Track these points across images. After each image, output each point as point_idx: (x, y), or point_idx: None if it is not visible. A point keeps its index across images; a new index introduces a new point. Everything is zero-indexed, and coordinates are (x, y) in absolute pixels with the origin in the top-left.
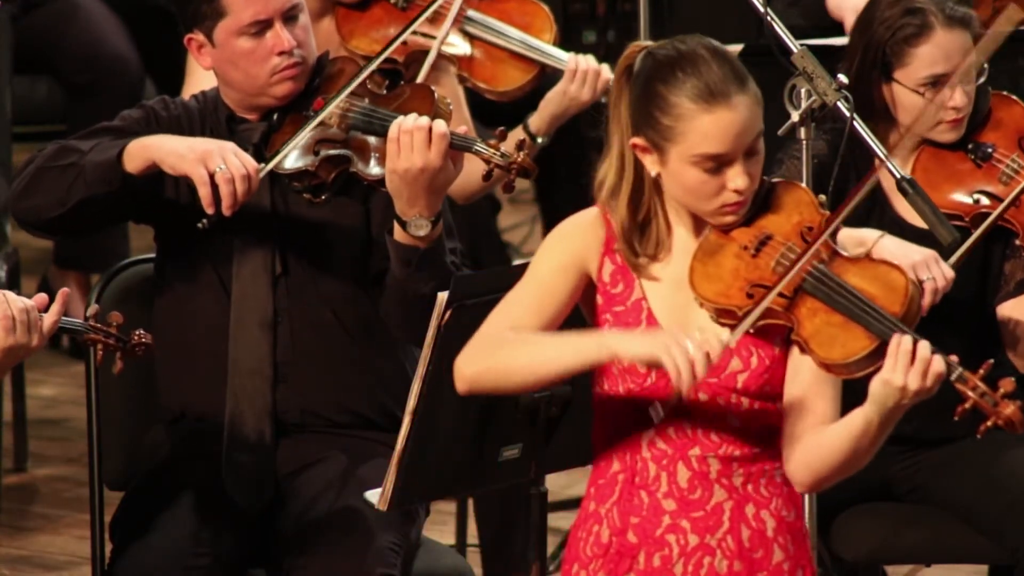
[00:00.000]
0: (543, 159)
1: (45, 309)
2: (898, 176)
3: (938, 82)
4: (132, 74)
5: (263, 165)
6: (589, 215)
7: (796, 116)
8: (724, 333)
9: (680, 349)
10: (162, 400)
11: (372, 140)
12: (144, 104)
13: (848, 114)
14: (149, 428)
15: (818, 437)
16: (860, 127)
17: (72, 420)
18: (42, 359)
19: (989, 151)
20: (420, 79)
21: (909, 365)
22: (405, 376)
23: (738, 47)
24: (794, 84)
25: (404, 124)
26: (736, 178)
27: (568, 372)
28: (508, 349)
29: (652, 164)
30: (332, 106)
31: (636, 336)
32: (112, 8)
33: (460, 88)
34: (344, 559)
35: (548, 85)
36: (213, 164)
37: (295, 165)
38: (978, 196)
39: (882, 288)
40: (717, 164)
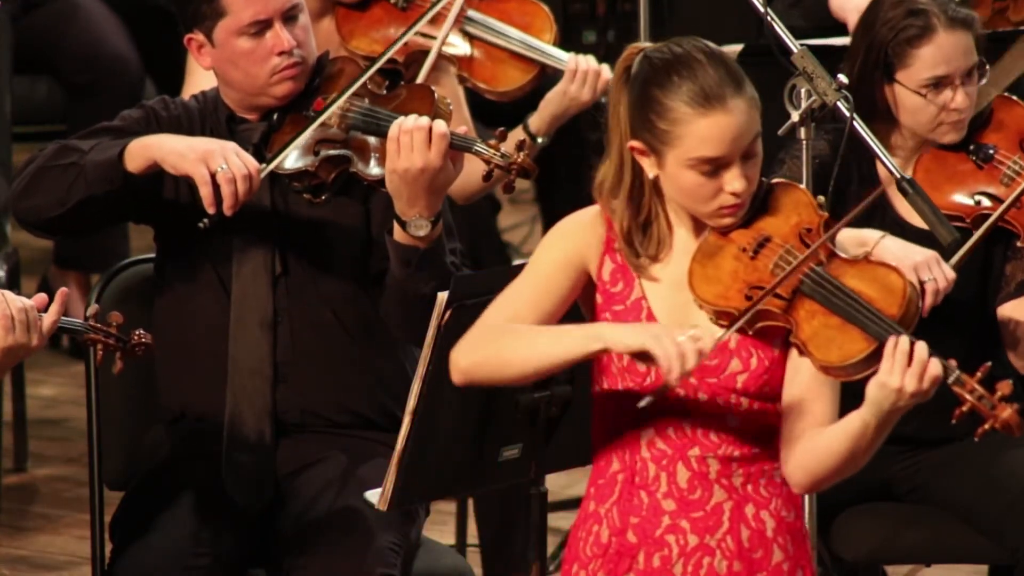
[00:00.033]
0: (543, 159)
1: (45, 309)
2: (897, 176)
3: (940, 83)
4: (132, 74)
5: (264, 165)
6: (590, 213)
7: (796, 116)
8: (719, 331)
9: (671, 340)
10: (162, 400)
11: (372, 140)
12: (144, 104)
13: (848, 114)
14: (149, 428)
15: (815, 439)
16: (860, 127)
17: (72, 420)
18: (42, 359)
19: (991, 152)
20: (420, 79)
21: (906, 366)
22: (405, 376)
23: (738, 47)
24: (794, 84)
25: (404, 124)
26: (733, 181)
27: (562, 364)
28: (503, 341)
29: (650, 166)
30: (335, 107)
31: (628, 327)
32: (112, 8)
33: (460, 88)
34: (344, 559)
35: (548, 85)
36: (215, 164)
37: (295, 165)
38: (979, 197)
39: (880, 290)
40: (714, 167)
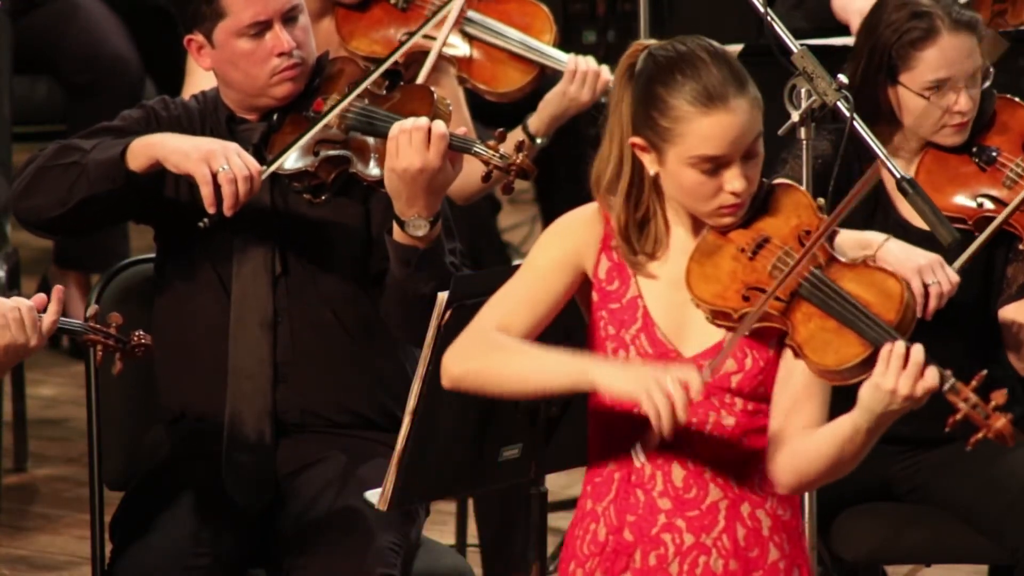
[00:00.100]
0: (543, 159)
1: (44, 309)
2: (898, 176)
3: (943, 86)
4: (132, 74)
5: (265, 167)
6: (587, 211)
7: (796, 116)
8: (705, 369)
9: (661, 392)
10: (162, 400)
11: (372, 141)
12: (144, 104)
13: (848, 114)
14: (149, 428)
15: (804, 441)
16: (860, 127)
17: (72, 420)
18: (42, 359)
19: (993, 154)
20: (420, 80)
21: (901, 368)
22: (405, 376)
23: (738, 47)
24: (794, 84)
25: (403, 125)
26: (733, 180)
27: (550, 391)
28: (494, 356)
29: (651, 164)
30: (339, 108)
31: (620, 371)
32: (112, 8)
33: (460, 89)
34: (344, 559)
35: (548, 86)
36: (216, 164)
37: (295, 166)
38: (982, 199)
39: (878, 295)
40: (714, 166)
